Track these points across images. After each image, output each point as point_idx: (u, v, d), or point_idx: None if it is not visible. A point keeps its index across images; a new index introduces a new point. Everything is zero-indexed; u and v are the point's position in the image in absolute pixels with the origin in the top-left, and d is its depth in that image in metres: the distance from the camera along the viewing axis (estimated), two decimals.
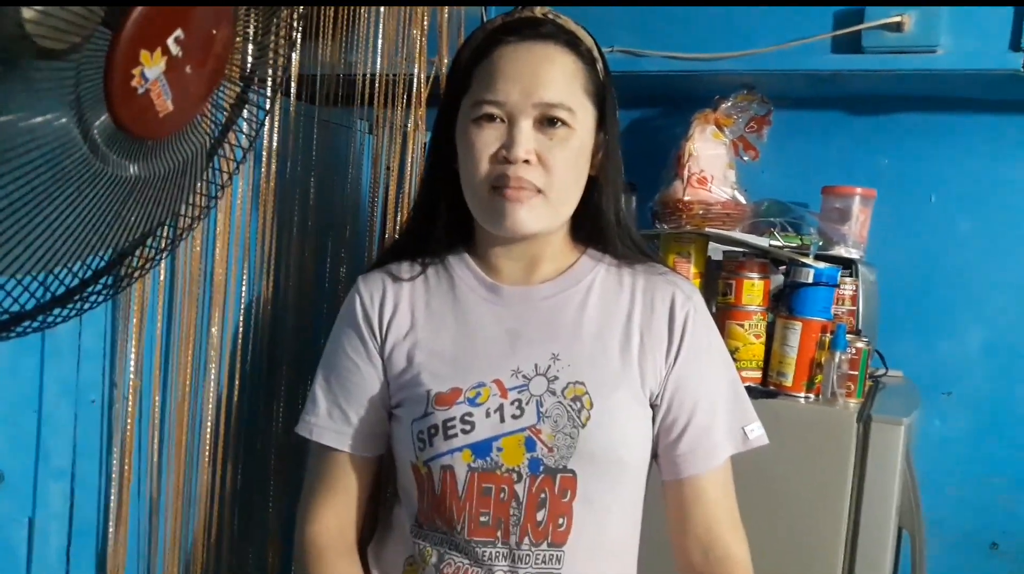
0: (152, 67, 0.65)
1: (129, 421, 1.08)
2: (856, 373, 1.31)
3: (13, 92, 0.62)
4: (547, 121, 0.96)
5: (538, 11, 1.01)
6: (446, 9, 1.48)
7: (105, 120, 0.65)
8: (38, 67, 0.62)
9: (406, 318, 1.04)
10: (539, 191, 0.96)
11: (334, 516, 1.05)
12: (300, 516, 1.06)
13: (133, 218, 0.76)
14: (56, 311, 0.77)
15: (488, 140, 0.97)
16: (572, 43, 1.00)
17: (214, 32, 0.75)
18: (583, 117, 0.98)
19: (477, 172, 0.97)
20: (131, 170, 0.71)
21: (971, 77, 1.49)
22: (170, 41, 0.66)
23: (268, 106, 0.95)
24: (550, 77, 0.96)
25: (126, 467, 1.08)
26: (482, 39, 1.01)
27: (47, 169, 0.64)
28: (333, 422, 1.04)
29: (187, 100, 0.72)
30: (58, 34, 0.60)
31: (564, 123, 0.96)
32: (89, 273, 0.80)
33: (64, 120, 0.63)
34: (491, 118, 0.97)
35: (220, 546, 1.25)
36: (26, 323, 0.74)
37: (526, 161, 0.95)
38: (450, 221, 1.07)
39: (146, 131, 0.69)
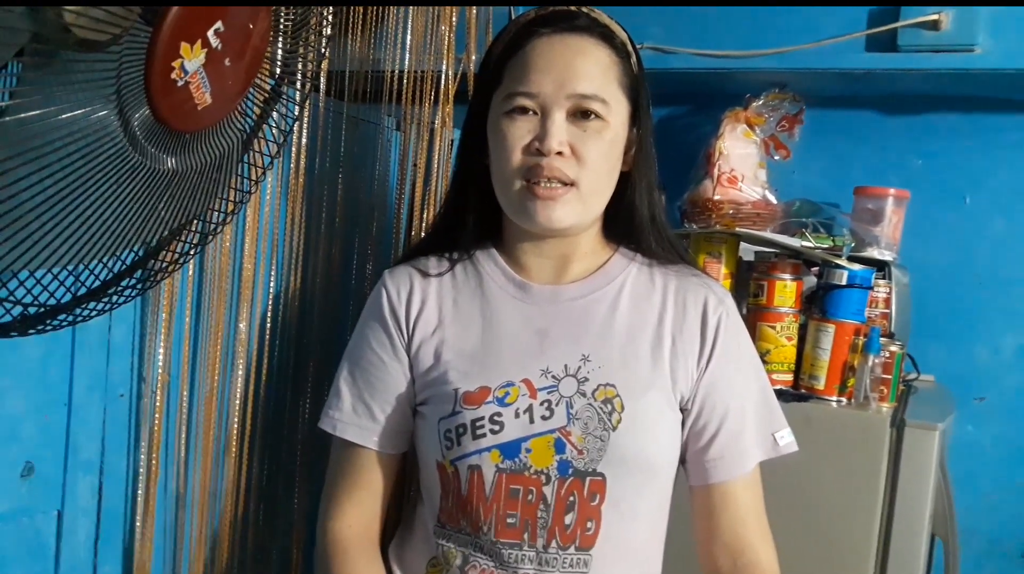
0: (192, 60, 0.65)
1: (157, 416, 1.08)
2: (889, 377, 1.29)
3: (53, 84, 0.61)
4: (580, 113, 0.95)
5: (571, 6, 1.00)
6: (474, 6, 1.47)
7: (144, 113, 0.65)
8: (78, 59, 0.61)
9: (433, 314, 1.03)
10: (571, 184, 0.95)
11: (357, 513, 1.04)
12: (323, 512, 1.06)
13: (167, 212, 0.76)
14: (90, 304, 0.76)
15: (521, 132, 0.95)
16: (606, 36, 0.98)
17: (251, 26, 0.74)
18: (617, 110, 0.97)
19: (509, 164, 0.96)
20: (168, 163, 0.70)
21: (1009, 77, 1.46)
22: (210, 33, 0.66)
23: (300, 100, 0.94)
24: (584, 69, 0.95)
25: (154, 461, 1.08)
26: (514, 32, 1.00)
27: (85, 162, 0.64)
28: (357, 417, 1.03)
29: (225, 93, 0.71)
30: (99, 26, 0.60)
31: (598, 115, 0.95)
32: (123, 267, 0.80)
33: (104, 112, 0.63)
34: (524, 110, 0.96)
35: (245, 540, 1.25)
36: (61, 316, 0.74)
37: (559, 153, 0.94)
38: (479, 217, 1.06)
39: (185, 124, 0.69)
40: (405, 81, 1.41)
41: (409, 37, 1.42)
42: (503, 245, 1.06)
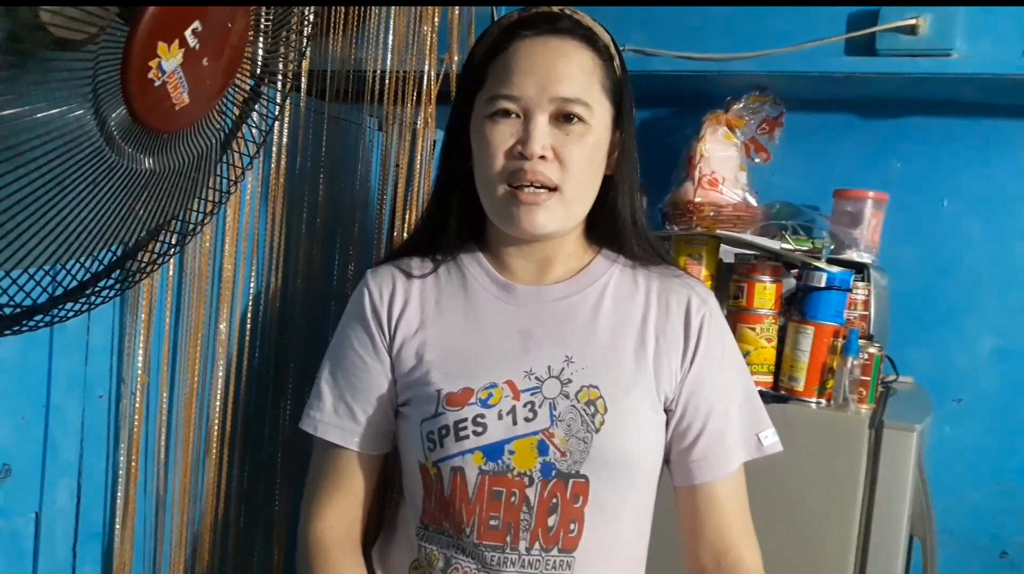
0: (170, 59, 0.64)
1: (137, 417, 1.07)
2: (868, 379, 1.30)
3: (29, 83, 0.61)
4: (563, 117, 0.95)
5: (554, 8, 1.00)
6: (456, 6, 1.47)
7: (121, 112, 0.64)
8: (54, 58, 0.61)
9: (416, 315, 1.03)
10: (554, 188, 0.95)
11: (339, 514, 1.04)
12: (304, 513, 1.05)
13: (145, 212, 0.75)
14: (68, 305, 0.76)
15: (503, 135, 0.95)
16: (589, 39, 0.98)
17: (230, 25, 0.74)
18: (600, 113, 0.97)
19: (492, 168, 0.96)
20: (146, 163, 0.70)
21: (986, 81, 1.48)
22: (188, 33, 0.65)
23: (280, 100, 0.94)
24: (567, 72, 0.95)
25: (133, 463, 1.07)
26: (497, 34, 1.00)
27: (62, 161, 0.63)
28: (339, 418, 1.03)
29: (203, 93, 0.71)
30: (75, 24, 0.59)
31: (580, 119, 0.95)
32: (101, 267, 0.79)
33: (80, 112, 0.62)
34: (506, 113, 0.95)
35: (226, 543, 1.24)
36: (38, 317, 0.73)
37: (542, 157, 0.94)
38: (463, 218, 1.06)
39: (162, 124, 0.69)
40: (387, 81, 1.41)
41: (391, 37, 1.41)
42: (487, 246, 1.06)
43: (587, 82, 0.96)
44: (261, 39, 0.87)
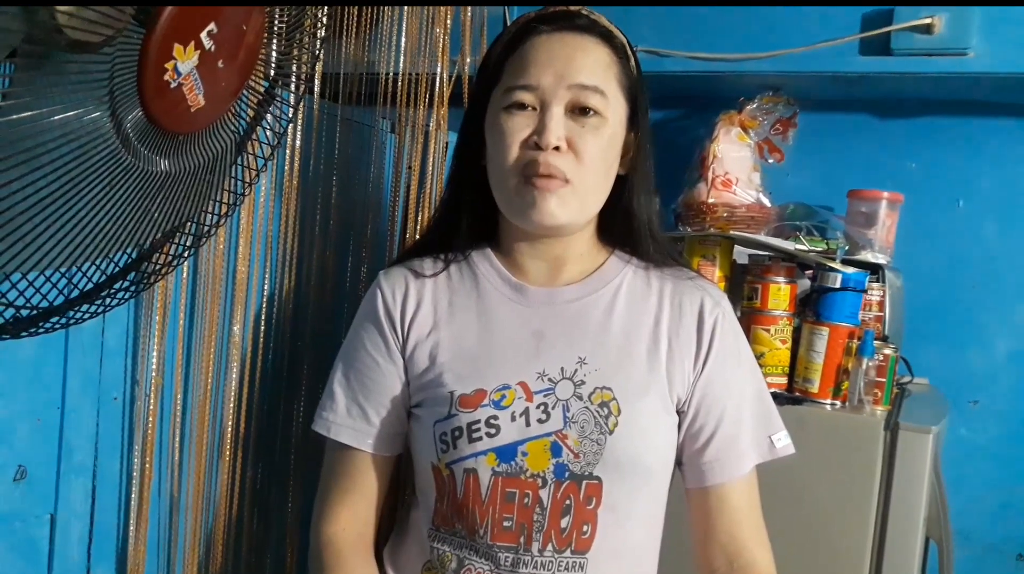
0: (185, 61, 0.65)
1: (151, 419, 1.07)
2: (883, 380, 1.29)
3: (45, 85, 0.61)
4: (579, 110, 0.95)
5: (571, 7, 1.01)
6: (469, 8, 1.48)
7: (137, 114, 0.65)
8: (71, 60, 0.61)
9: (429, 316, 1.03)
10: (568, 180, 0.95)
11: (352, 516, 1.03)
12: (316, 515, 1.05)
13: (160, 214, 0.75)
14: (83, 307, 0.76)
15: (519, 127, 0.95)
16: (606, 36, 0.99)
17: (245, 27, 0.74)
18: (616, 107, 0.97)
19: (507, 159, 0.96)
20: (161, 165, 0.70)
21: (1002, 81, 1.47)
22: (203, 35, 0.65)
23: (294, 102, 0.94)
24: (584, 63, 0.96)
25: (147, 464, 1.08)
26: (514, 32, 1.00)
27: (78, 163, 0.63)
28: (352, 420, 1.03)
29: (219, 94, 0.71)
30: (91, 27, 0.60)
31: (596, 112, 0.95)
32: (116, 269, 0.80)
33: (96, 114, 0.62)
34: (522, 106, 0.96)
35: (239, 544, 1.24)
36: (53, 319, 0.73)
37: (556, 148, 0.94)
38: (475, 219, 1.05)
39: (178, 126, 0.69)
40: (400, 83, 1.41)
41: (404, 39, 1.42)
42: (499, 246, 1.06)
43: (604, 74, 0.96)
44: (275, 41, 0.87)
